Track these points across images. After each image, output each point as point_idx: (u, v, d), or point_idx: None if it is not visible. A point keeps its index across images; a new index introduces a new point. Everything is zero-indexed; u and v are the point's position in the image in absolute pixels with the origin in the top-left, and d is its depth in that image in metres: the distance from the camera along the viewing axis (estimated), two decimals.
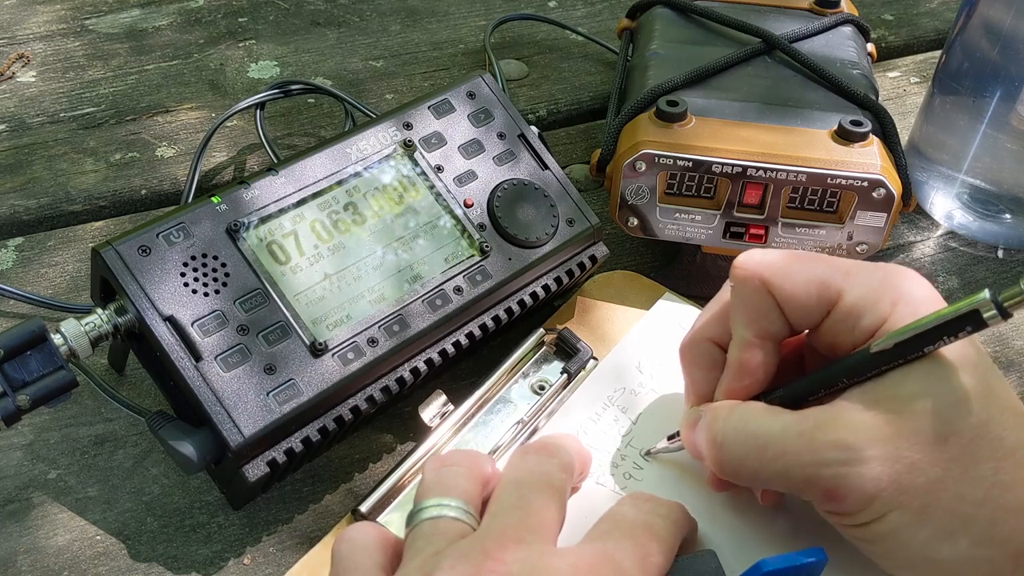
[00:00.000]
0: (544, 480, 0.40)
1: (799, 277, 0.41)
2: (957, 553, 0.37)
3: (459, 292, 0.50)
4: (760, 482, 0.42)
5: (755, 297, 0.42)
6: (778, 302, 0.42)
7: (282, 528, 0.48)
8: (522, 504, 0.38)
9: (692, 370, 0.46)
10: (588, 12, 0.86)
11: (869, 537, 0.39)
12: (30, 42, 0.79)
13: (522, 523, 0.37)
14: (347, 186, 0.50)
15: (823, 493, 0.38)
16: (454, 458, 0.41)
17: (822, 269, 0.41)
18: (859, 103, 0.59)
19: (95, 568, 0.46)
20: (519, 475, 0.40)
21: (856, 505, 0.38)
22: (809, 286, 0.41)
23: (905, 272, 0.41)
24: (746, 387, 0.43)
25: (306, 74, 0.77)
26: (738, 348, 0.43)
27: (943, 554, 0.37)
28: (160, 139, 0.71)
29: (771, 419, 0.40)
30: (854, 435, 0.38)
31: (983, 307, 0.36)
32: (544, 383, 0.52)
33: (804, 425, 0.39)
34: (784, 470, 0.39)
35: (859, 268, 0.41)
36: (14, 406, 0.42)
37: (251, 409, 0.44)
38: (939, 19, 0.88)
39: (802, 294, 0.41)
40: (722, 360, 0.44)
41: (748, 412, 0.41)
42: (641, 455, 0.48)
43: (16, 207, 0.65)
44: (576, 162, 0.70)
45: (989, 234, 0.65)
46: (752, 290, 0.42)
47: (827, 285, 0.41)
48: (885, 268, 0.41)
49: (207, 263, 0.46)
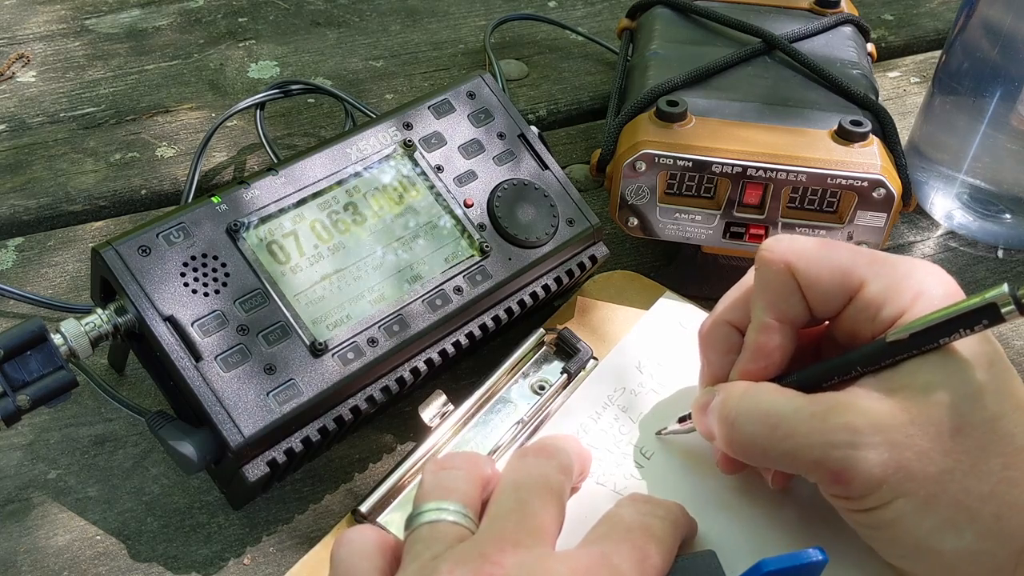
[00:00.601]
0: (542, 482, 0.40)
1: (824, 263, 0.42)
2: (960, 545, 0.37)
3: (459, 292, 0.50)
4: (769, 461, 0.42)
5: (778, 280, 0.42)
6: (801, 287, 0.42)
7: (282, 528, 0.48)
8: (520, 507, 0.38)
9: (709, 352, 0.46)
10: (588, 12, 0.86)
11: (874, 523, 0.39)
12: (30, 42, 0.80)
13: (520, 526, 0.37)
14: (347, 186, 0.50)
15: (831, 475, 0.38)
16: (453, 461, 0.41)
17: (847, 257, 0.42)
18: (859, 103, 0.59)
19: (95, 568, 0.46)
20: (517, 477, 0.40)
21: (863, 489, 0.38)
22: (833, 273, 0.41)
23: (929, 267, 0.41)
24: (762, 369, 0.43)
25: (306, 74, 0.77)
26: (756, 330, 0.43)
27: (946, 545, 0.37)
28: (160, 139, 0.71)
29: (784, 399, 0.40)
30: (865, 419, 0.38)
31: (1001, 301, 0.36)
32: (544, 383, 0.52)
33: (816, 407, 0.39)
34: (793, 450, 0.39)
35: (883, 259, 0.42)
36: (14, 406, 0.42)
37: (251, 409, 0.44)
38: (939, 19, 0.88)
39: (826, 280, 0.41)
40: (739, 344, 0.44)
41: (761, 391, 0.41)
42: (655, 435, 0.49)
43: (16, 207, 0.65)
44: (576, 162, 0.70)
45: (989, 234, 0.65)
46: (776, 273, 0.42)
47: (850, 273, 0.41)
48: (910, 262, 0.42)
49: (207, 263, 0.46)
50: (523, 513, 0.38)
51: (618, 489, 0.47)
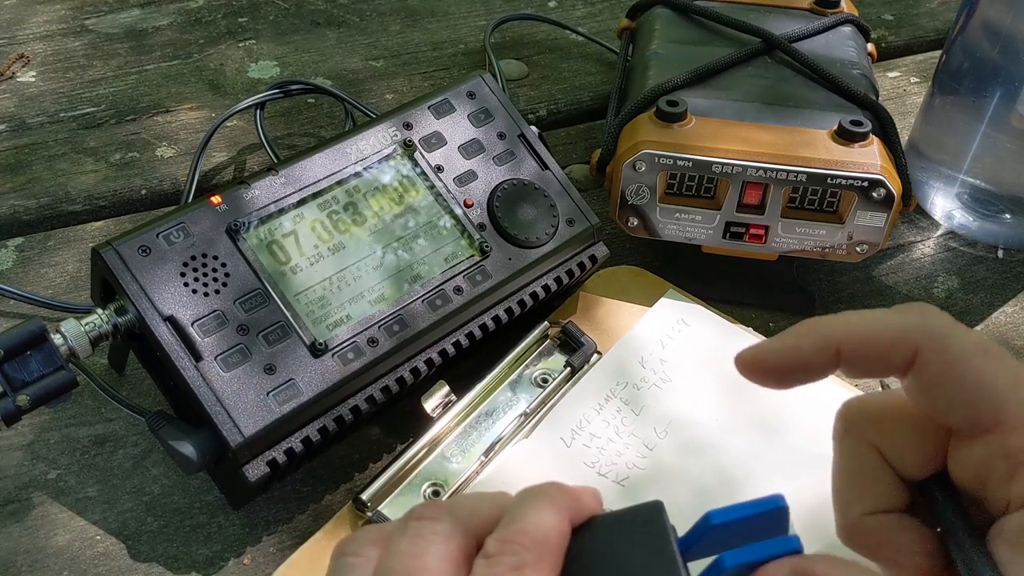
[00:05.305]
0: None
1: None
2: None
3: (459, 292, 0.50)
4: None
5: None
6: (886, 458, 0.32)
7: (282, 528, 0.48)
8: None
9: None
10: (588, 12, 0.86)
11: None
12: (30, 42, 0.79)
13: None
14: (347, 186, 0.50)
15: None
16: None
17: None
18: (859, 103, 0.59)
19: (95, 568, 0.46)
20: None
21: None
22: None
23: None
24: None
25: (306, 74, 0.77)
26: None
27: None
28: (160, 139, 0.71)
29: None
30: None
31: None
32: (547, 376, 0.52)
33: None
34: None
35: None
36: (14, 406, 0.42)
37: (251, 409, 0.44)
38: (939, 19, 0.88)
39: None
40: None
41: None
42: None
43: (16, 207, 0.65)
44: (576, 162, 0.70)
45: (989, 234, 0.65)
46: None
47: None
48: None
49: (207, 263, 0.46)
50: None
51: (620, 480, 0.47)
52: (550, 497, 0.31)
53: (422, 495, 0.47)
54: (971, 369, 0.30)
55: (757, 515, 0.30)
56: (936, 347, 0.30)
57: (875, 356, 0.31)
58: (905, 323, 0.31)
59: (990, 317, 0.60)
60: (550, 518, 0.30)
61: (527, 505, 0.30)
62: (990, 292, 0.62)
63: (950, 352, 0.30)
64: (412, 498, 0.47)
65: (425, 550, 0.29)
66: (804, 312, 0.60)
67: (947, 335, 0.30)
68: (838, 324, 0.32)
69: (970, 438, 0.30)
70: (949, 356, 0.30)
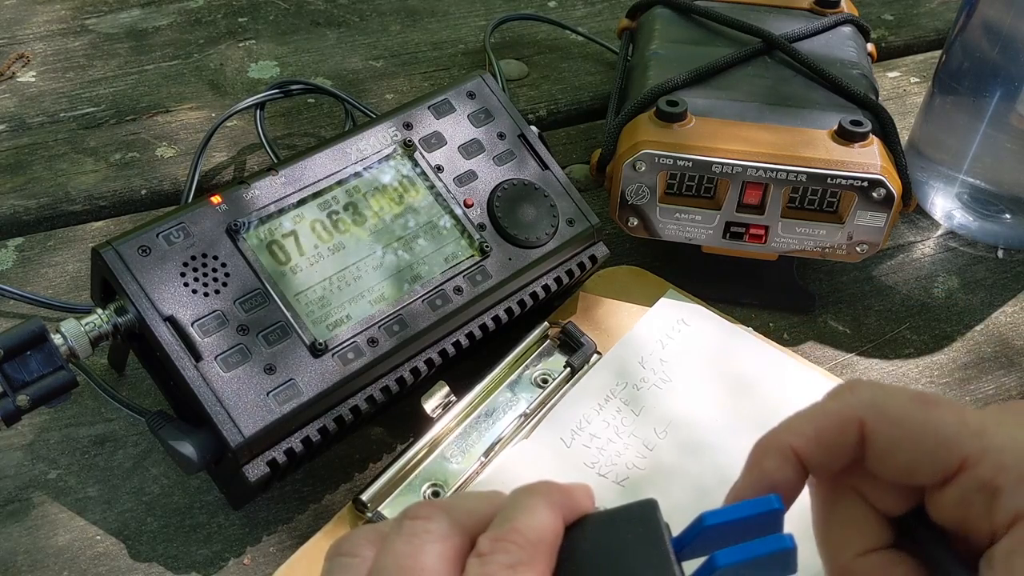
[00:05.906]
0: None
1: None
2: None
3: (459, 292, 0.50)
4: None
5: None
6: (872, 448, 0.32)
7: (282, 528, 0.48)
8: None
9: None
10: (588, 12, 0.86)
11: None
12: (30, 42, 0.79)
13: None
14: (347, 186, 0.50)
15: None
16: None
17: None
18: (859, 103, 0.59)
19: (95, 568, 0.46)
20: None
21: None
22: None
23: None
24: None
25: (306, 74, 0.77)
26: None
27: None
28: (160, 139, 0.71)
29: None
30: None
31: None
32: (547, 376, 0.52)
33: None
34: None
35: (994, 423, 0.31)
36: (14, 406, 0.42)
37: (251, 409, 0.44)
38: (939, 19, 0.88)
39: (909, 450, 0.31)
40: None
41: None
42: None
43: (16, 207, 0.65)
44: (576, 162, 0.70)
45: (989, 234, 0.65)
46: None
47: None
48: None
49: (207, 263, 0.46)
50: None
51: (619, 480, 0.47)
52: (543, 495, 0.31)
53: (422, 496, 0.47)
54: (917, 422, 0.31)
55: (752, 516, 0.31)
56: (876, 415, 0.31)
57: (830, 445, 0.32)
58: (841, 405, 0.32)
59: (990, 317, 0.60)
60: (543, 516, 0.30)
61: (520, 504, 0.31)
62: (990, 292, 0.62)
63: (891, 414, 0.31)
64: (412, 499, 0.47)
65: (420, 549, 0.29)
66: (804, 312, 0.60)
67: (881, 400, 0.32)
68: (786, 434, 0.33)
69: (942, 485, 0.31)
70: (892, 417, 0.31)
